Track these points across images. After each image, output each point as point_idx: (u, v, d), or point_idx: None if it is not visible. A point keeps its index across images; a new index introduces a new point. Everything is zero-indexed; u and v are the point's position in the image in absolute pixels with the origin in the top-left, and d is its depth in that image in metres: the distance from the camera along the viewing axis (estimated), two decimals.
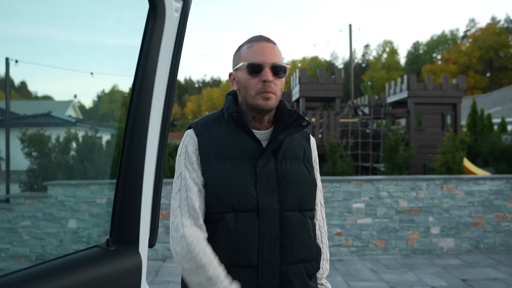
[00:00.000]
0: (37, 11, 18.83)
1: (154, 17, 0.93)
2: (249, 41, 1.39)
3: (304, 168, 1.42)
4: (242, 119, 1.34)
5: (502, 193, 6.07)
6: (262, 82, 1.31)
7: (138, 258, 0.96)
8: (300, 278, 1.33)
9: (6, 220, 5.72)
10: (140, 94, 0.96)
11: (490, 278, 4.84)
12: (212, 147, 1.34)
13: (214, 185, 1.31)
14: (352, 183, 5.97)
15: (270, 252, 1.29)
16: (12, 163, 8.39)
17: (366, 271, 5.15)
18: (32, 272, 0.80)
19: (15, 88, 35.77)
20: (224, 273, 1.24)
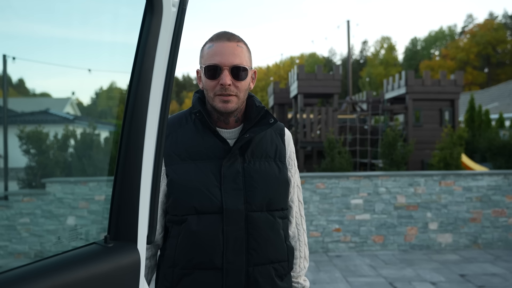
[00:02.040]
0: (33, 8, 18.76)
1: (151, 12, 0.92)
2: (211, 39, 1.33)
3: (275, 166, 1.37)
4: (205, 119, 1.30)
5: (500, 188, 6.09)
6: (220, 86, 1.27)
7: (136, 255, 0.96)
8: (268, 279, 1.32)
9: (4, 217, 5.72)
10: (137, 90, 0.96)
11: (488, 273, 4.86)
12: (175, 148, 1.32)
13: (177, 188, 1.29)
14: (350, 179, 5.98)
15: (235, 254, 1.27)
16: (10, 160, 8.39)
17: (364, 266, 5.16)
18: (30, 269, 0.80)
19: (13, 85, 35.68)
20: None
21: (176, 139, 1.34)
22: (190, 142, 1.33)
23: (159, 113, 1.00)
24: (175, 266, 1.28)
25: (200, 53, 1.37)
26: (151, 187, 1.00)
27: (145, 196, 0.97)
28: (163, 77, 0.99)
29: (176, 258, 1.28)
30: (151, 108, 0.97)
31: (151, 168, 1.00)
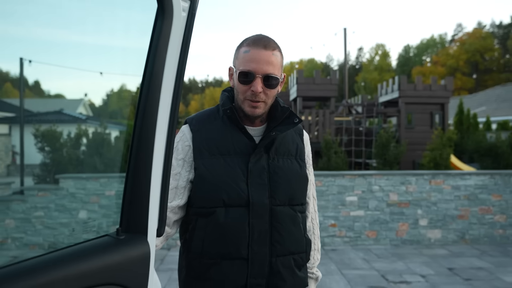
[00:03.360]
0: (49, 14, 18.83)
1: (162, 16, 0.92)
2: (248, 44, 1.28)
3: (296, 164, 1.37)
4: (235, 116, 1.29)
5: (486, 187, 6.09)
6: (251, 92, 1.25)
7: (146, 247, 0.96)
8: (289, 269, 1.32)
9: (20, 211, 5.73)
10: (148, 91, 0.96)
11: (475, 267, 4.86)
12: (205, 143, 1.30)
13: (206, 181, 1.27)
14: (345, 178, 5.98)
15: (259, 245, 1.27)
16: (26, 157, 8.41)
17: (358, 260, 5.16)
18: (45, 259, 0.80)
19: (29, 87, 35.73)
20: None
21: (205, 134, 1.32)
22: (219, 138, 1.31)
23: (169, 113, 1.00)
24: (203, 257, 1.27)
25: (235, 53, 1.33)
26: (161, 183, 1.00)
27: (155, 191, 0.97)
28: (173, 79, 0.99)
29: (204, 248, 1.26)
30: (162, 109, 0.97)
31: (161, 165, 0.99)
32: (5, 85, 27.05)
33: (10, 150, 16.94)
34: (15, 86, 23.31)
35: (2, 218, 5.71)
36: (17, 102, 14.65)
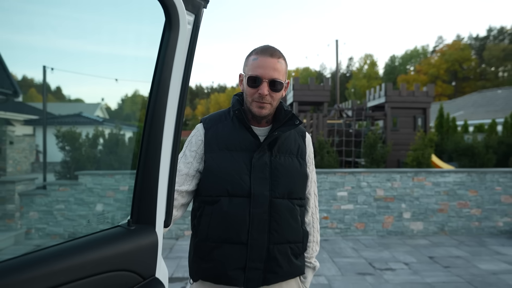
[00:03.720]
0: (68, 27, 18.88)
1: (170, 28, 0.92)
2: (257, 52, 1.31)
3: (297, 162, 1.38)
4: (242, 117, 1.33)
5: (464, 184, 6.09)
6: (259, 94, 1.28)
7: (154, 237, 0.96)
8: (285, 256, 1.33)
9: (43, 204, 5.73)
10: (157, 96, 0.96)
11: (453, 256, 4.86)
12: (215, 139, 1.33)
13: (213, 172, 1.29)
14: (337, 175, 5.97)
15: (258, 232, 1.28)
16: (49, 155, 8.41)
17: (348, 249, 5.16)
18: (65, 247, 0.80)
19: (51, 92, 35.74)
20: None
21: (216, 131, 1.35)
22: (228, 135, 1.33)
23: (175, 116, 1.00)
24: (207, 240, 1.29)
25: (245, 61, 1.35)
26: (168, 179, 1.00)
27: (163, 187, 0.97)
28: (179, 85, 0.99)
29: (209, 233, 1.29)
30: (169, 112, 0.97)
31: (168, 162, 0.99)
32: (29, 91, 27.07)
33: (34, 149, 16.94)
34: (38, 92, 23.31)
35: (27, 211, 5.71)
36: (40, 106, 14.65)
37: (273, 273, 1.30)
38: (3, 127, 12.84)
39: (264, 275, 1.29)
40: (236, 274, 1.27)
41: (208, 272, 1.31)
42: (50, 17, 9.61)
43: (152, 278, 0.94)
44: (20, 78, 17.06)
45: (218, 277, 1.29)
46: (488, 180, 6.12)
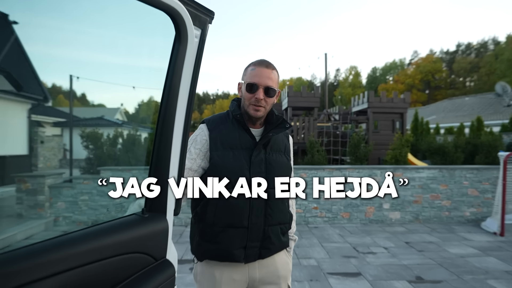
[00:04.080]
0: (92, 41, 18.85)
1: (179, 41, 0.92)
2: (254, 64, 1.37)
3: (285, 158, 1.44)
4: (242, 120, 1.36)
5: (436, 179, 6.10)
6: (255, 99, 1.32)
7: (166, 224, 0.96)
8: (277, 235, 1.39)
9: (69, 195, 5.73)
10: (168, 101, 0.95)
11: (426, 241, 4.87)
12: (219, 139, 1.35)
13: (218, 167, 1.31)
14: (325, 170, 5.98)
15: (257, 217, 1.32)
16: (74, 153, 8.39)
17: (335, 235, 5.17)
18: (88, 232, 0.80)
19: (77, 98, 35.58)
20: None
21: (219, 132, 1.36)
22: (230, 136, 1.36)
23: (184, 118, 0.99)
24: (214, 225, 1.31)
25: (244, 72, 1.40)
26: (177, 173, 1.00)
27: (172, 179, 0.97)
28: (187, 91, 0.99)
29: (215, 219, 1.31)
30: (178, 115, 0.97)
31: (178, 159, 0.99)
32: (58, 97, 26.99)
33: (61, 147, 16.92)
34: (66, 98, 23.23)
35: (55, 201, 5.71)
36: (67, 110, 14.62)
37: (267, 249, 1.37)
38: (35, 128, 12.82)
39: (259, 251, 1.35)
40: (239, 252, 1.32)
41: (213, 252, 1.33)
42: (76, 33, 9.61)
43: (163, 259, 0.94)
44: (50, 86, 16.97)
45: (223, 256, 1.32)
46: (457, 175, 6.13)
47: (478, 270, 3.76)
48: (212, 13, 0.99)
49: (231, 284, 1.35)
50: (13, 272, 0.62)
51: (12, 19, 5.52)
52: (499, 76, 35.39)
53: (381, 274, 3.61)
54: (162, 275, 0.90)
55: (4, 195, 6.89)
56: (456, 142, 7.57)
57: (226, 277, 1.34)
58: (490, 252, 4.38)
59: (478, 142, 7.35)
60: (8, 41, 6.58)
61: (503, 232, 5.21)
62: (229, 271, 1.35)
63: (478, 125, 9.04)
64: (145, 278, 0.85)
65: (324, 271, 3.69)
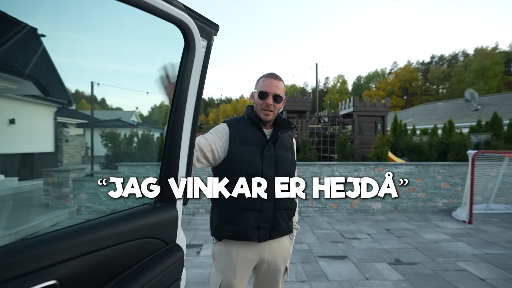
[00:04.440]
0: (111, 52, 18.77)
1: (188, 51, 0.91)
2: (265, 76, 1.44)
3: (290, 154, 1.49)
4: (257, 120, 1.44)
5: (412, 174, 6.10)
6: (266, 104, 1.41)
7: (175, 212, 0.95)
8: (284, 219, 1.43)
9: (91, 188, 5.71)
10: (177, 105, 0.95)
11: (404, 228, 4.87)
12: (237, 135, 1.40)
13: (236, 159, 1.36)
14: (316, 166, 5.98)
15: (267, 202, 1.36)
16: (95, 151, 8.37)
17: (324, 223, 5.17)
18: (107, 219, 0.79)
19: (97, 102, 35.44)
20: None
21: (237, 130, 1.42)
22: (246, 133, 1.42)
23: (192, 120, 0.99)
24: (232, 208, 1.36)
25: (256, 82, 1.48)
26: (186, 168, 0.99)
27: (182, 174, 0.97)
28: (194, 96, 0.98)
29: (233, 203, 1.35)
30: (186, 117, 0.96)
31: (186, 156, 0.99)
32: (81, 101, 26.96)
33: (84, 146, 16.90)
34: (87, 102, 23.19)
35: (78, 193, 5.69)
36: (89, 113, 14.62)
37: (276, 231, 1.41)
38: (60, 129, 12.79)
39: (269, 232, 1.40)
40: (253, 232, 1.36)
41: (232, 232, 1.37)
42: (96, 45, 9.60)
43: (173, 244, 0.93)
44: (74, 91, 16.89)
45: (240, 235, 1.37)
46: (431, 171, 6.14)
47: (449, 253, 3.77)
48: (217, 26, 0.99)
49: (245, 262, 1.39)
50: (42, 254, 0.61)
51: (40, 32, 5.49)
52: (468, 84, 35.46)
53: (365, 257, 3.62)
54: (172, 257, 0.89)
55: (33, 188, 6.87)
56: (431, 141, 7.58)
57: (241, 256, 1.38)
58: (459, 238, 4.39)
59: (450, 142, 7.36)
60: (37, 52, 6.55)
61: (471, 220, 5.22)
62: (244, 251, 1.39)
63: (450, 127, 9.06)
64: (158, 260, 0.85)
65: (315, 255, 3.69)
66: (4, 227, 4.24)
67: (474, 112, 18.80)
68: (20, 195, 6.46)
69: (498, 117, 9.41)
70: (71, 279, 0.65)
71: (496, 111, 9.97)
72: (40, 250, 0.62)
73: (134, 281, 0.76)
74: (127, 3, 0.71)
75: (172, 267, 0.88)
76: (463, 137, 7.41)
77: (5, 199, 6.03)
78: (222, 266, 1.40)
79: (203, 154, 1.35)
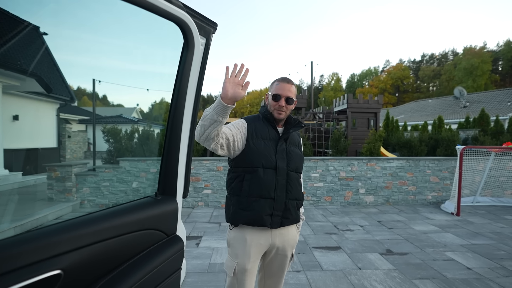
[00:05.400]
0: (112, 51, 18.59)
1: (187, 49, 0.90)
2: (279, 80, 1.53)
3: (298, 150, 1.59)
4: (272, 118, 1.52)
5: (403, 168, 6.14)
6: (279, 105, 1.49)
7: (175, 205, 0.95)
8: (294, 208, 1.52)
9: (93, 182, 5.69)
10: (177, 101, 0.94)
11: (395, 220, 4.92)
12: (254, 131, 1.48)
13: (253, 152, 1.44)
14: (311, 161, 5.99)
15: (280, 191, 1.45)
16: (97, 146, 8.32)
17: (319, 215, 5.20)
18: (110, 212, 0.79)
19: (99, 99, 35.06)
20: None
21: (254, 127, 1.50)
22: (262, 130, 1.50)
23: (191, 116, 0.98)
24: (249, 196, 1.43)
25: (271, 85, 1.56)
26: (186, 162, 0.99)
27: (181, 168, 0.97)
28: (194, 93, 0.98)
29: (250, 191, 1.43)
30: (186, 113, 0.96)
31: (186, 151, 0.98)
32: (83, 98, 26.72)
33: (86, 141, 16.79)
34: (89, 99, 22.94)
35: (81, 187, 5.67)
36: (91, 109, 14.49)
37: (287, 219, 1.49)
38: (63, 125, 12.69)
39: (281, 220, 1.48)
40: (267, 218, 1.43)
41: (247, 218, 1.43)
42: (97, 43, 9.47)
43: (173, 235, 0.94)
44: (76, 88, 16.63)
45: (255, 221, 1.43)
46: (421, 165, 6.18)
47: (437, 244, 3.81)
48: (215, 24, 0.98)
49: (258, 247, 1.46)
50: (47, 245, 0.61)
51: (43, 30, 5.41)
52: (457, 82, 35.58)
53: (357, 248, 3.65)
54: (172, 248, 0.89)
55: (37, 182, 6.83)
56: (421, 137, 7.62)
57: (255, 241, 1.45)
58: (448, 229, 4.44)
59: (439, 137, 7.41)
60: (39, 50, 6.47)
61: (458, 212, 5.28)
62: (258, 236, 1.46)
63: (439, 123, 9.10)
64: (159, 250, 0.85)
65: (310, 245, 3.72)
66: (9, 220, 4.23)
67: (462, 109, 18.89)
68: (25, 189, 6.42)
69: (486, 114, 9.47)
70: (75, 269, 0.65)
71: (483, 107, 10.03)
72: (45, 242, 0.62)
73: (137, 270, 0.77)
74: (128, 1, 0.70)
75: (173, 257, 0.89)
76: (452, 133, 7.46)
77: (10, 193, 6.00)
78: (237, 251, 1.46)
79: (227, 142, 1.40)
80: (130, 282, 0.74)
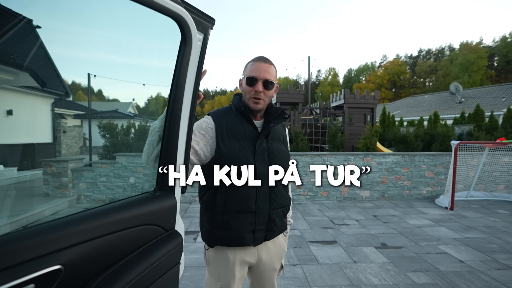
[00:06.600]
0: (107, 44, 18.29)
1: (184, 45, 0.90)
2: (253, 60, 1.25)
3: (283, 146, 1.33)
4: (247, 112, 1.24)
5: (399, 163, 6.18)
6: (255, 91, 1.21)
7: (174, 200, 0.95)
8: (280, 218, 1.30)
9: (90, 177, 5.66)
10: (175, 96, 0.94)
11: (390, 215, 4.97)
12: (224, 130, 1.23)
13: (226, 157, 1.18)
14: (308, 156, 6.01)
15: (263, 202, 1.22)
16: (93, 141, 8.27)
17: (315, 210, 5.23)
18: (108, 207, 0.79)
19: (94, 94, 34.64)
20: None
21: (224, 124, 1.23)
22: (235, 127, 1.23)
23: (189, 112, 0.98)
24: (225, 212, 1.19)
25: (244, 67, 1.27)
26: (184, 158, 0.99)
27: (180, 163, 0.97)
28: (191, 88, 0.97)
29: (225, 206, 1.19)
30: (184, 109, 0.96)
31: (184, 147, 0.99)
32: (78, 92, 26.40)
33: (82, 136, 16.66)
34: (84, 93, 22.68)
35: (77, 182, 5.64)
36: (86, 104, 14.34)
37: (271, 231, 1.27)
38: (58, 120, 12.56)
39: (265, 234, 1.26)
40: (248, 236, 1.21)
41: (225, 238, 1.22)
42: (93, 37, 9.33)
43: (172, 230, 0.94)
44: (70, 83, 16.45)
45: (234, 241, 1.21)
46: (417, 160, 6.24)
47: (431, 237, 3.87)
48: (213, 20, 0.97)
49: (242, 265, 1.26)
50: (47, 240, 0.62)
51: (36, 23, 5.32)
52: (453, 77, 35.74)
53: (353, 242, 3.69)
54: (171, 243, 0.90)
55: (33, 177, 6.79)
56: (417, 132, 7.67)
57: (238, 258, 1.25)
58: (442, 223, 4.50)
59: (435, 133, 7.46)
60: (32, 43, 6.36)
61: (452, 206, 5.35)
62: (241, 254, 1.25)
63: (435, 119, 9.17)
64: (158, 245, 0.86)
65: (306, 240, 3.75)
66: (5, 216, 4.20)
67: (458, 105, 19.02)
68: (20, 184, 6.38)
69: (481, 109, 9.54)
70: (75, 264, 0.65)
71: (478, 103, 10.10)
72: (45, 237, 0.62)
73: (136, 265, 0.77)
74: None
75: (172, 252, 0.89)
76: (447, 128, 7.52)
77: (6, 189, 5.95)
78: (219, 271, 1.26)
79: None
80: (130, 276, 0.74)
